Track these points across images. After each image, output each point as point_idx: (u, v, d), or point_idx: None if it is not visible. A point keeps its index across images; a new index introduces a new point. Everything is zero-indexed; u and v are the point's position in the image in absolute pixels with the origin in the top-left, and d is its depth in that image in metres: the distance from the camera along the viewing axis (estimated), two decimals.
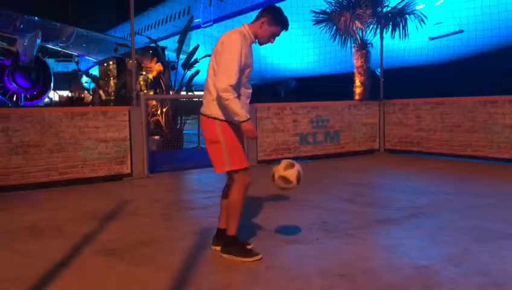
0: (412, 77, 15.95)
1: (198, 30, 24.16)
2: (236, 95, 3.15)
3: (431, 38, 15.95)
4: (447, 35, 15.65)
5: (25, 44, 18.56)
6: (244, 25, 3.40)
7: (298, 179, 3.32)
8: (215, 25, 24.34)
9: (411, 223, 4.27)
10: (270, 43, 3.48)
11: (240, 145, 3.34)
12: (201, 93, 3.54)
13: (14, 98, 19.05)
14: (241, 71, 3.22)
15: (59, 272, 3.17)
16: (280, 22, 3.38)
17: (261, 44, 3.46)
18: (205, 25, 24.98)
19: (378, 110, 9.35)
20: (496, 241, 3.66)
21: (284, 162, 3.37)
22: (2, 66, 18.75)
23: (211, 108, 3.29)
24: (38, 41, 19.01)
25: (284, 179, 3.31)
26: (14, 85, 18.78)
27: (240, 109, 3.15)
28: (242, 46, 3.21)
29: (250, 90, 3.44)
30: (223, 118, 3.27)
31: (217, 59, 3.24)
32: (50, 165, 6.19)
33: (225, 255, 3.35)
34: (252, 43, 3.39)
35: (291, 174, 3.31)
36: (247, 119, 3.20)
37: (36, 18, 19.90)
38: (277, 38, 3.51)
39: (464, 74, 15.06)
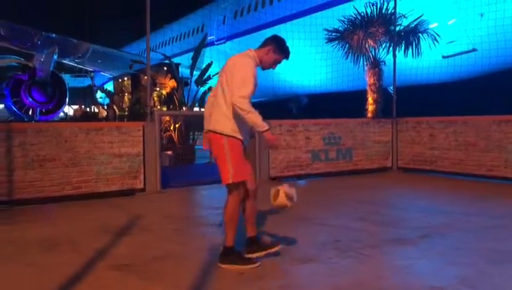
0: (425, 95, 15.87)
1: (211, 47, 24.38)
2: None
3: (444, 57, 15.92)
4: (460, 53, 15.60)
5: (42, 59, 18.90)
6: (250, 50, 3.66)
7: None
8: (228, 42, 24.55)
9: (425, 243, 4.22)
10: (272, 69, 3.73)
11: (243, 160, 3.54)
12: None
13: (30, 112, 19.36)
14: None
15: (72, 286, 3.19)
16: (284, 52, 3.69)
17: (263, 69, 3.72)
18: (218, 42, 25.21)
19: (391, 127, 9.32)
20: (511, 262, 3.60)
21: (287, 185, 3.61)
22: (19, 80, 19.10)
23: (222, 124, 3.49)
24: (55, 57, 19.35)
25: (289, 196, 3.54)
26: (30, 99, 19.11)
27: (260, 119, 3.39)
28: (254, 67, 3.51)
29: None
30: (231, 134, 3.47)
31: (229, 78, 3.44)
32: (64, 180, 6.26)
33: (225, 266, 3.47)
34: (257, 66, 3.64)
35: (294, 192, 3.57)
36: (267, 129, 3.42)
37: (54, 35, 20.29)
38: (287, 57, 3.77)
39: (477, 92, 14.95)
